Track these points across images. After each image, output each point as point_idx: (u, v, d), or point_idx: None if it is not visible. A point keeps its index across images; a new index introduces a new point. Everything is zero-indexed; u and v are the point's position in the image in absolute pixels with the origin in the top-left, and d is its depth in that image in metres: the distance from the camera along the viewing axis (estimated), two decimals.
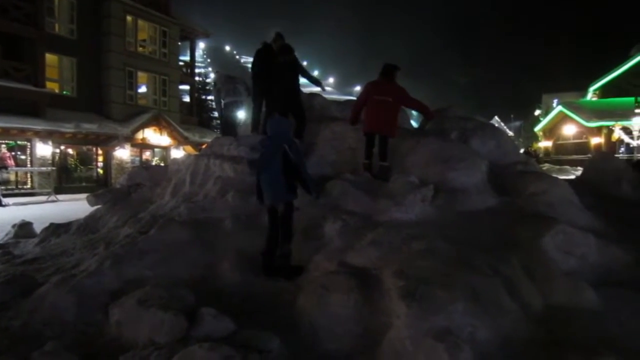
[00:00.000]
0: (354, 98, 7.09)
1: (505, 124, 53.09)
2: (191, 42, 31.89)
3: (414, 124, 10.89)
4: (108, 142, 24.08)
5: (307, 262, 4.70)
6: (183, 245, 5.07)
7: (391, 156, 6.05)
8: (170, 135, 27.14)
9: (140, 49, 26.55)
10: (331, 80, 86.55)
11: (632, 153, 24.81)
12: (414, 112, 7.72)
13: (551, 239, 4.19)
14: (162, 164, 17.55)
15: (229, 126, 8.31)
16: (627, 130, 24.82)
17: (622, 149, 26.80)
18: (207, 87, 39.70)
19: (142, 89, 27.38)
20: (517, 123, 54.08)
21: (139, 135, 25.45)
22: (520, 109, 53.22)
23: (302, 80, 7.22)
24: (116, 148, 24.30)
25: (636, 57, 30.24)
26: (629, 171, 7.42)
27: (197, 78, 36.28)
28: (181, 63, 30.80)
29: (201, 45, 69.21)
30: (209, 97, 38.52)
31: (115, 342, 3.72)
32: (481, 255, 4.14)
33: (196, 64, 35.12)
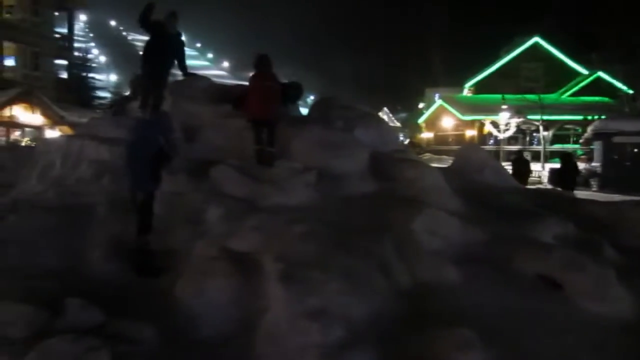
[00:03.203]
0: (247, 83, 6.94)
1: (394, 115, 56.02)
2: (69, 12, 28.88)
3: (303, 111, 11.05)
4: None
5: (188, 248, 4.58)
6: (49, 233, 4.66)
7: (277, 142, 6.08)
8: (44, 114, 24.41)
9: (6, 16, 23.47)
10: (226, 64, 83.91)
11: (499, 145, 27.76)
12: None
13: (420, 221, 4.55)
14: (33, 145, 15.79)
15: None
16: (495, 124, 27.68)
17: (492, 141, 29.88)
18: (89, 64, 36.23)
19: (9, 62, 24.27)
20: (404, 115, 57.39)
21: (6, 112, 22.56)
22: (407, 101, 56.26)
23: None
24: None
25: (504, 58, 33.76)
26: (492, 160, 8.38)
27: (76, 53, 33.00)
28: (58, 35, 27.80)
29: (82, 17, 63.04)
30: (92, 75, 35.31)
31: None
32: (358, 238, 4.36)
33: (76, 38, 31.96)
